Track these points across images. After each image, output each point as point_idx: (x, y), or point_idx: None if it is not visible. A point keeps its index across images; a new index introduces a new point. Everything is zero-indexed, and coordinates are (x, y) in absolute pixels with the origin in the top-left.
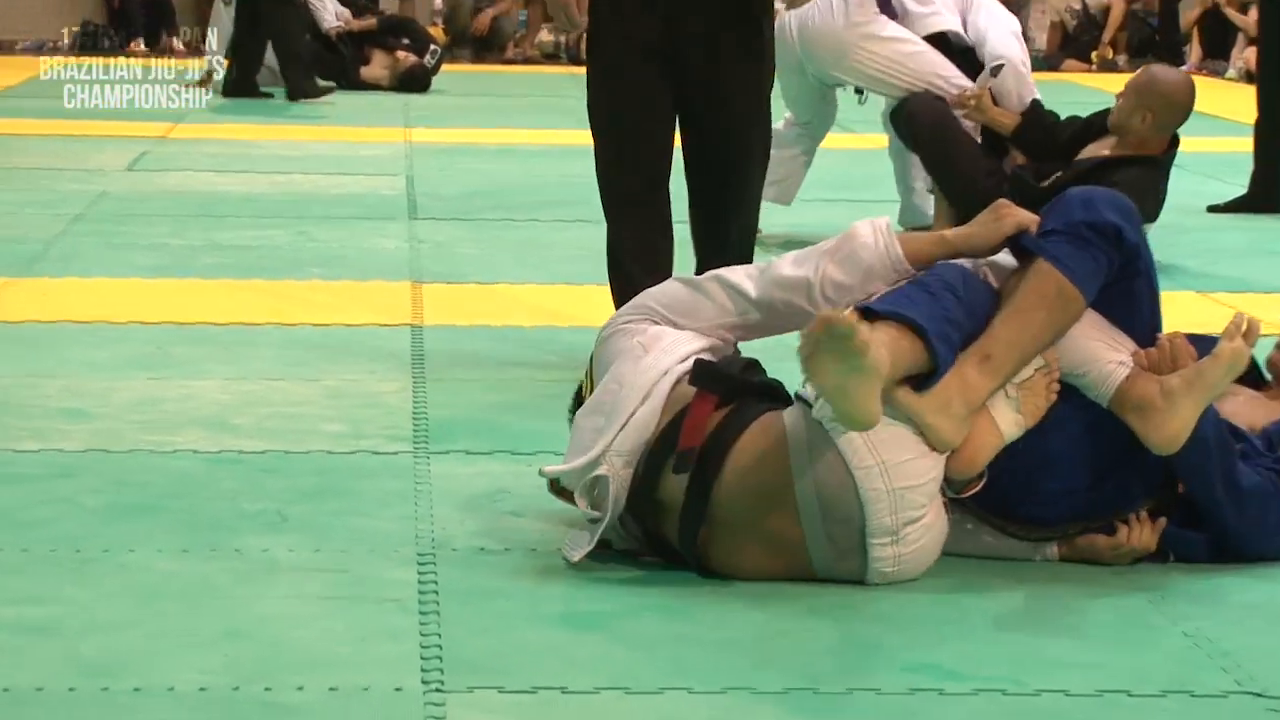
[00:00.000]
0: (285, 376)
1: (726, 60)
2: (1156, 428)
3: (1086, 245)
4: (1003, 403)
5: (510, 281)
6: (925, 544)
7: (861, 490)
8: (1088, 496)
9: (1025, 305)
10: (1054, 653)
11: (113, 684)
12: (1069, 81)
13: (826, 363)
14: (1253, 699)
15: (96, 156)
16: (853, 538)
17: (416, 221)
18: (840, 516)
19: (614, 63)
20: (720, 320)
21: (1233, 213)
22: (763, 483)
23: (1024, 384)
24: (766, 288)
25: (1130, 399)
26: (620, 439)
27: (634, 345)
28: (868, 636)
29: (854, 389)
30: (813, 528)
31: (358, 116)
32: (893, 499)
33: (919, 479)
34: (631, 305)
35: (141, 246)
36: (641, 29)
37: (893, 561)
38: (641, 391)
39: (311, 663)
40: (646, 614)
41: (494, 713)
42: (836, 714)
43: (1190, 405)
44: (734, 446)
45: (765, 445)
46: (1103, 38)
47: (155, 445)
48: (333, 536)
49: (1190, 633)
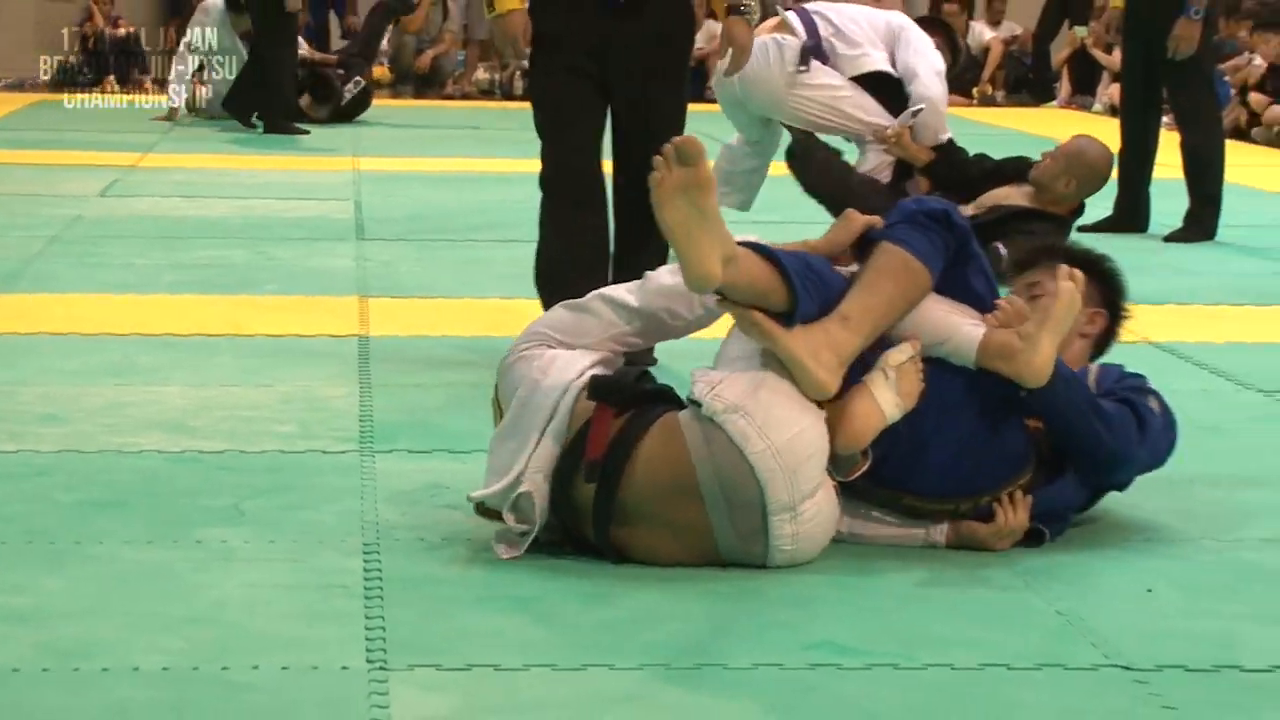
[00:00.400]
0: (242, 383)
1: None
2: (1025, 364)
3: (923, 229)
4: (883, 384)
5: (449, 296)
6: (820, 522)
7: (758, 472)
8: (970, 469)
9: (875, 278)
10: (940, 630)
11: (83, 665)
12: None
13: (675, 198)
14: (1120, 671)
15: (72, 184)
16: (755, 520)
17: (364, 242)
18: (742, 500)
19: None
20: (608, 334)
21: (1100, 232)
22: (668, 478)
23: (900, 367)
24: (648, 297)
25: (993, 349)
26: (535, 458)
27: (534, 370)
28: (771, 617)
29: (700, 235)
30: (718, 515)
31: (310, 146)
32: (787, 476)
33: (807, 452)
34: (526, 334)
35: (112, 265)
36: (580, 63)
37: (791, 539)
38: (548, 411)
39: (265, 644)
40: (571, 598)
41: (432, 689)
42: (743, 687)
43: (1046, 340)
44: (637, 448)
45: (666, 444)
46: (982, 75)
47: (122, 446)
48: (285, 529)
49: (1063, 611)
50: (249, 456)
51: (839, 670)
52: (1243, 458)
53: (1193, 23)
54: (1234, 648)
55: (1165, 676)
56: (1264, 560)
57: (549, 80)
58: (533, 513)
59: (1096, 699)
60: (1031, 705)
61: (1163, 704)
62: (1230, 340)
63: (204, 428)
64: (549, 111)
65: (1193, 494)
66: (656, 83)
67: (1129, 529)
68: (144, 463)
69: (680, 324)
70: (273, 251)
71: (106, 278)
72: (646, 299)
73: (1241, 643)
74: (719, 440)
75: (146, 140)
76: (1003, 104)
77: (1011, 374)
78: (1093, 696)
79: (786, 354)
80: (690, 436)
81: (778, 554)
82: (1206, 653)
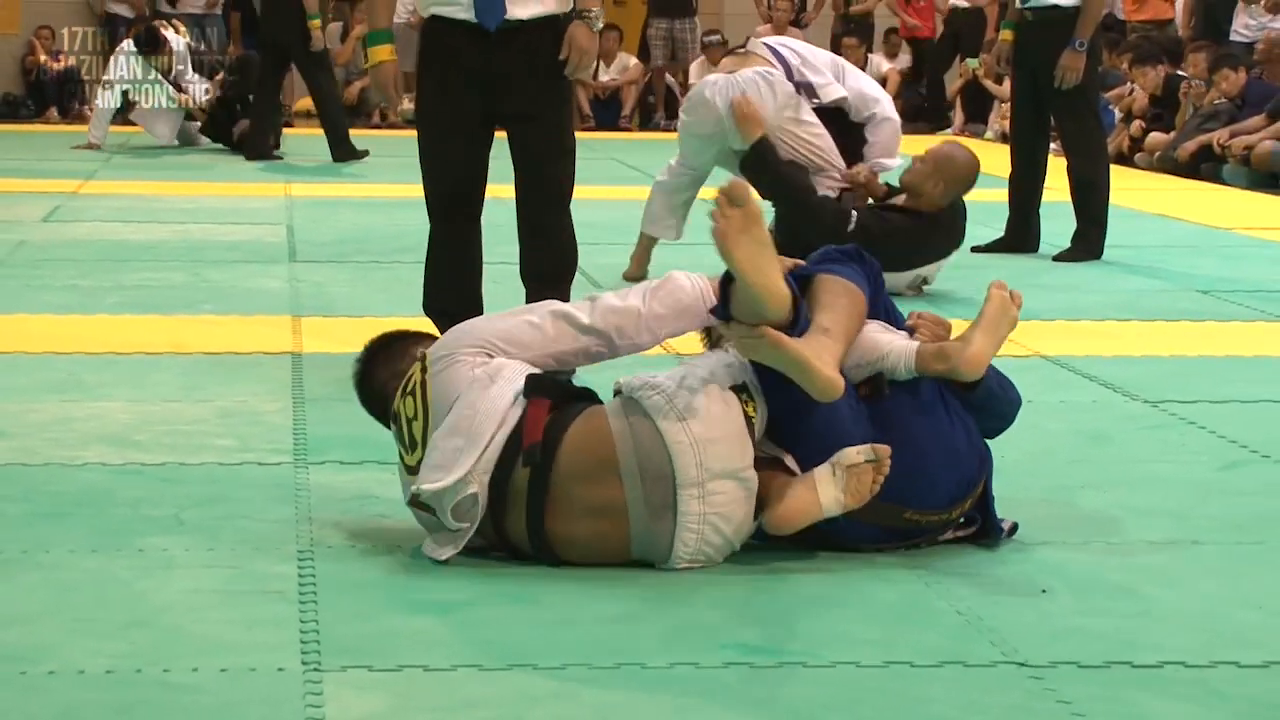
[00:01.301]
0: (181, 398)
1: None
2: (962, 360)
3: (844, 262)
4: (829, 479)
5: (377, 315)
6: (726, 514)
7: (669, 443)
8: (958, 474)
9: (831, 299)
10: (847, 630)
11: (30, 668)
12: None
13: (739, 238)
14: (1017, 668)
15: (16, 209)
16: (666, 493)
17: (296, 264)
18: (655, 473)
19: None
20: (550, 350)
21: (993, 252)
22: (591, 455)
23: (852, 468)
24: (599, 316)
25: (929, 354)
26: (484, 460)
27: (481, 375)
28: (688, 619)
29: (765, 263)
30: (634, 488)
31: (244, 174)
32: (697, 452)
33: (720, 433)
34: (468, 338)
35: (55, 287)
36: (465, 102)
37: (698, 519)
38: (498, 417)
39: (205, 647)
40: (497, 601)
41: (365, 689)
42: (662, 686)
43: (980, 336)
44: (566, 433)
45: (591, 426)
46: None
47: (66, 459)
48: (223, 537)
49: (963, 611)
50: (189, 468)
51: (751, 669)
52: (1130, 465)
53: (1077, 54)
54: (1125, 645)
55: (1060, 673)
56: (1152, 561)
57: (433, 108)
58: (475, 511)
59: (995, 694)
60: (934, 700)
61: (1057, 699)
62: (1117, 354)
63: (146, 441)
64: (433, 138)
65: (1084, 499)
66: (541, 105)
67: (1025, 533)
68: (88, 475)
69: (625, 344)
70: (209, 273)
71: (51, 299)
72: (597, 317)
73: (1132, 640)
74: (637, 413)
75: (87, 168)
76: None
77: (949, 371)
78: (992, 692)
79: (798, 359)
80: (612, 414)
81: (683, 539)
82: (1099, 649)
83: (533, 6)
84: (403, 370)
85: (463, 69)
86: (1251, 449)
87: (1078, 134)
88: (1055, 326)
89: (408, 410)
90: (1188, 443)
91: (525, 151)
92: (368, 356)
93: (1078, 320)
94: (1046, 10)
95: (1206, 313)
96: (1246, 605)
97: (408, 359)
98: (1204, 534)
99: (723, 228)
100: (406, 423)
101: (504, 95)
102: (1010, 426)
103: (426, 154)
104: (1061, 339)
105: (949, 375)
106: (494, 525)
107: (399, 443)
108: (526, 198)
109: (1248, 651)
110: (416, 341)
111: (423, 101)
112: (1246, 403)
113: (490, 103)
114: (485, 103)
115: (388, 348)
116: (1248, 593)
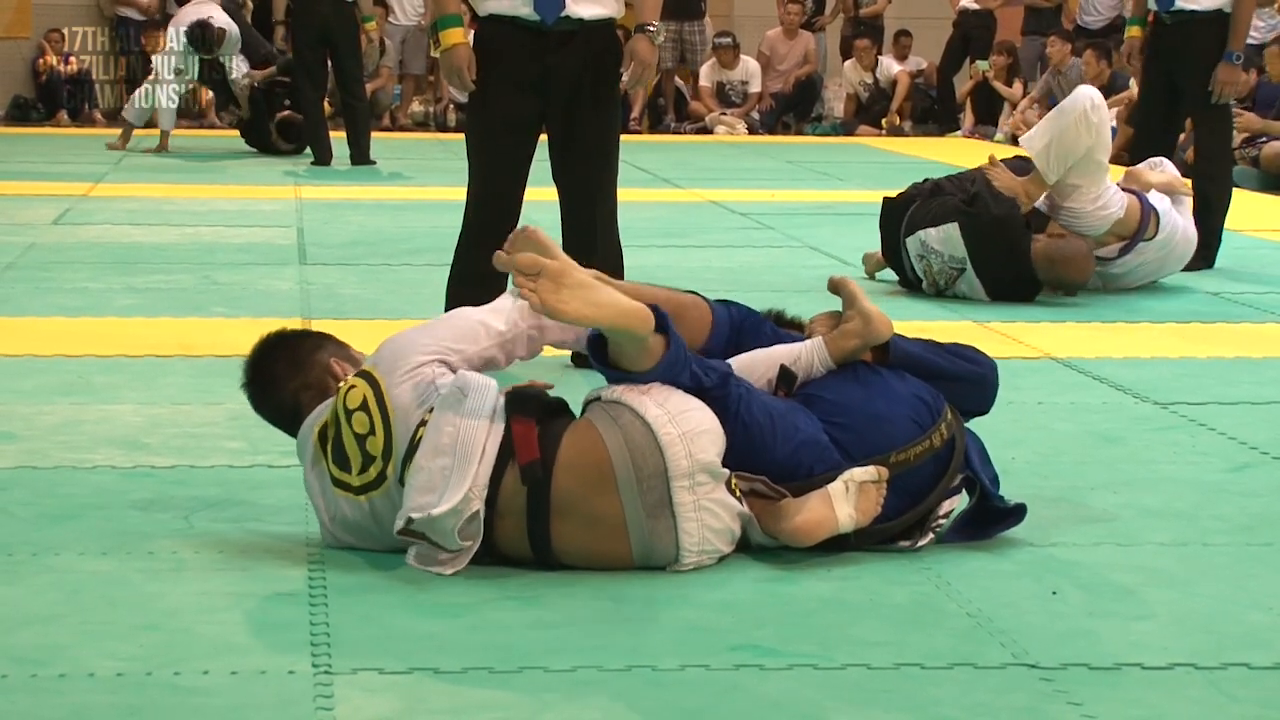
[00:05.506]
0: (191, 401)
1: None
2: (870, 330)
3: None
4: (843, 495)
5: (387, 317)
6: (717, 511)
7: (658, 435)
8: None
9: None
10: (857, 632)
11: (41, 671)
12: (862, 144)
13: (558, 297)
14: (1027, 670)
15: (27, 212)
16: (661, 488)
17: (306, 266)
18: (648, 470)
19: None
20: (481, 346)
21: None
22: (588, 465)
23: (862, 485)
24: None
25: (835, 339)
26: (480, 477)
27: (453, 391)
28: (698, 621)
29: (599, 298)
30: (630, 494)
31: (255, 176)
32: (685, 443)
33: (702, 426)
34: (422, 348)
35: (66, 290)
36: (519, 102)
37: (693, 508)
38: (484, 433)
39: (215, 650)
40: (505, 604)
41: (375, 691)
42: (672, 687)
43: (865, 304)
44: (560, 447)
45: (582, 435)
46: (891, 107)
47: (77, 462)
48: (233, 540)
49: (973, 613)
50: (199, 471)
51: (761, 670)
52: (1141, 466)
53: (1234, 68)
54: (1135, 646)
55: (1070, 674)
56: (1162, 563)
57: (487, 107)
58: (477, 527)
59: (1006, 696)
60: (944, 702)
61: (1068, 700)
62: (1128, 355)
63: (156, 444)
64: (484, 135)
65: (1094, 500)
66: (590, 106)
67: (1034, 534)
68: (98, 478)
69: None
70: (220, 276)
71: (61, 301)
72: (517, 316)
73: (1142, 641)
74: (624, 415)
75: (97, 170)
76: (910, 134)
77: (864, 342)
78: (1002, 694)
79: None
80: (600, 422)
81: (685, 530)
82: (1109, 651)
83: (593, 8)
84: (314, 381)
85: (518, 68)
86: (1262, 450)
87: (1211, 148)
88: (1065, 328)
89: (358, 426)
90: (1198, 444)
91: (569, 154)
92: (265, 362)
93: (1088, 322)
94: (1185, 15)
95: (1217, 314)
96: (1257, 606)
97: (317, 368)
98: (1214, 535)
99: (540, 299)
100: (355, 439)
101: (557, 96)
102: (991, 394)
103: (477, 151)
104: (1072, 341)
105: (866, 345)
106: (484, 537)
107: (327, 460)
108: (570, 202)
109: (1259, 653)
110: (318, 346)
111: (476, 100)
112: (1257, 404)
113: (543, 103)
114: (539, 103)
115: (290, 353)
116: (1258, 594)
